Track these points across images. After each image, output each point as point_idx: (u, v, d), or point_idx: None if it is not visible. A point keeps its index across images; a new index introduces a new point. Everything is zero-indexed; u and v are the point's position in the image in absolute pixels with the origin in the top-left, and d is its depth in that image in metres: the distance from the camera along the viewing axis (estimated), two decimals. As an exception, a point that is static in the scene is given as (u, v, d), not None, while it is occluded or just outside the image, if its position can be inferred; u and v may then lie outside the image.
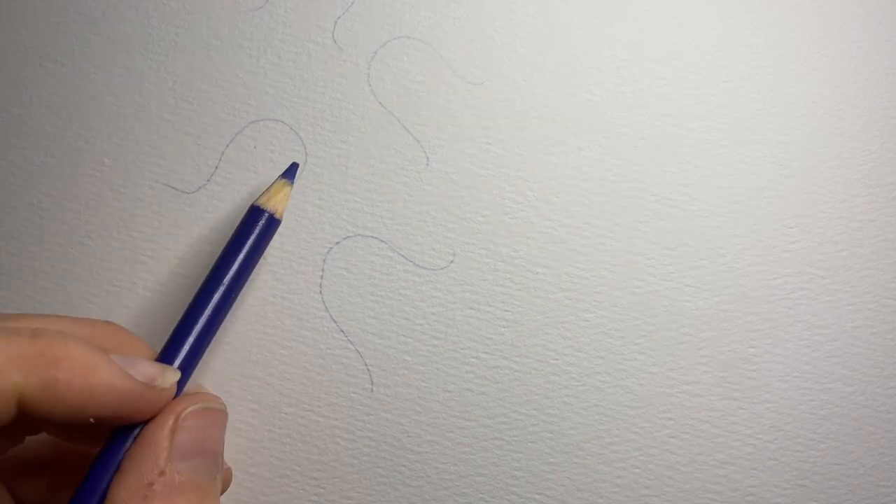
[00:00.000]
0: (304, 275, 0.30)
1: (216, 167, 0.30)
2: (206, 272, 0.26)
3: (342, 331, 0.30)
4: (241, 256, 0.26)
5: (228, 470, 0.28)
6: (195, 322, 0.25)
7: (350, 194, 0.30)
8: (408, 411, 0.29)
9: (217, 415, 0.23)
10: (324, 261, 0.30)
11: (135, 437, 0.21)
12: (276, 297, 0.30)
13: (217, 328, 0.25)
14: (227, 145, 0.31)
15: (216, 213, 0.30)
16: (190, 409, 0.22)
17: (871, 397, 0.29)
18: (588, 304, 0.30)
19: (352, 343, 0.30)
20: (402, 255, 0.30)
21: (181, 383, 0.24)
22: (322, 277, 0.30)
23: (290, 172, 0.29)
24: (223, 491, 0.27)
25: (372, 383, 0.29)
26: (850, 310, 0.30)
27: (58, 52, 0.31)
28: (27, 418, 0.20)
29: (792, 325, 0.30)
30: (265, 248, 0.27)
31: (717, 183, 0.31)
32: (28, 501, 0.24)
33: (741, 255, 0.30)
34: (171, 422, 0.21)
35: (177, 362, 0.24)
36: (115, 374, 0.21)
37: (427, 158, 0.31)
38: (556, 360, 0.29)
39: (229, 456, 0.29)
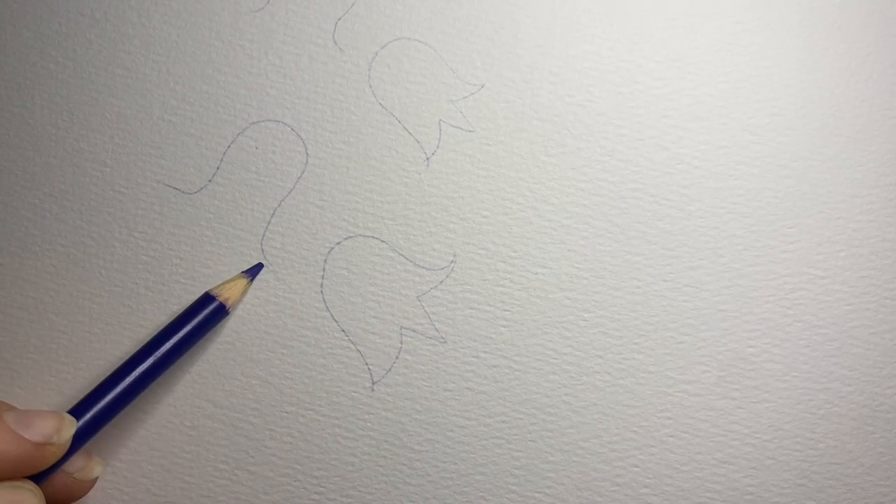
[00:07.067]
0: (306, 275, 0.30)
1: (217, 168, 0.31)
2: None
3: (343, 330, 0.30)
4: (178, 335, 0.27)
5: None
6: (115, 385, 0.26)
7: (351, 195, 0.30)
8: (408, 410, 0.29)
9: None
10: (325, 261, 0.30)
11: None
12: (277, 297, 0.30)
13: (134, 398, 0.26)
14: (229, 146, 0.31)
15: (218, 214, 0.30)
16: None
17: (870, 397, 0.30)
18: (587, 303, 0.30)
19: (353, 342, 0.30)
20: (403, 255, 0.30)
21: (82, 440, 0.24)
22: (323, 277, 0.30)
23: (253, 271, 0.30)
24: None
25: (373, 382, 0.29)
26: (848, 310, 0.30)
27: (60, 53, 0.31)
28: None
29: (791, 325, 0.30)
30: (206, 333, 0.28)
31: (715, 184, 0.31)
32: None
33: (740, 255, 0.30)
34: None
35: (83, 421, 0.25)
36: (8, 440, 0.21)
37: (427, 158, 0.31)
38: (556, 359, 0.30)
39: (231, 455, 0.29)
